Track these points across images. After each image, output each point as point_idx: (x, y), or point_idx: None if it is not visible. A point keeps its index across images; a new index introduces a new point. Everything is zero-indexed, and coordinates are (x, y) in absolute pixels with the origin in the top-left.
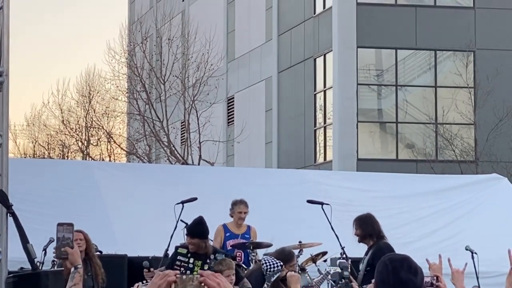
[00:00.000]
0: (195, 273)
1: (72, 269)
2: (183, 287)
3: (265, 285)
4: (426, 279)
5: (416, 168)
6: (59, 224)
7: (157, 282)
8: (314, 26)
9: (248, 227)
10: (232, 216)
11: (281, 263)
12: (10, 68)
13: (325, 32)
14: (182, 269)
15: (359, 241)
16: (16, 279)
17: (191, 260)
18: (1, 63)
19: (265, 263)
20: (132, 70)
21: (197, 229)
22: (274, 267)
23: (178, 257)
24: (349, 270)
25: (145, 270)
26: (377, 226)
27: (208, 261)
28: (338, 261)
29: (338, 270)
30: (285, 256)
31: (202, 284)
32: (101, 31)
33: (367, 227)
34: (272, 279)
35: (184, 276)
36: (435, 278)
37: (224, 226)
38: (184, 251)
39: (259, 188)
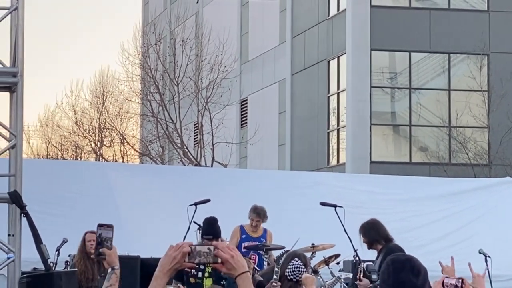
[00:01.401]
0: (206, 273)
1: (109, 270)
2: (198, 258)
3: (275, 268)
4: (451, 282)
5: (429, 171)
6: (99, 225)
7: (172, 254)
8: (328, 28)
9: (265, 230)
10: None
11: (304, 269)
12: (23, 69)
13: (339, 34)
14: (193, 270)
15: (368, 248)
16: (30, 280)
17: None
18: (16, 64)
19: (293, 266)
20: (146, 71)
21: (209, 229)
22: (293, 269)
23: None
24: (378, 273)
25: None
26: (383, 230)
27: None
28: (365, 264)
29: (349, 275)
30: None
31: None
32: (115, 32)
33: (372, 234)
34: (276, 267)
35: (198, 247)
36: (460, 280)
37: (241, 227)
38: None
39: (272, 190)
